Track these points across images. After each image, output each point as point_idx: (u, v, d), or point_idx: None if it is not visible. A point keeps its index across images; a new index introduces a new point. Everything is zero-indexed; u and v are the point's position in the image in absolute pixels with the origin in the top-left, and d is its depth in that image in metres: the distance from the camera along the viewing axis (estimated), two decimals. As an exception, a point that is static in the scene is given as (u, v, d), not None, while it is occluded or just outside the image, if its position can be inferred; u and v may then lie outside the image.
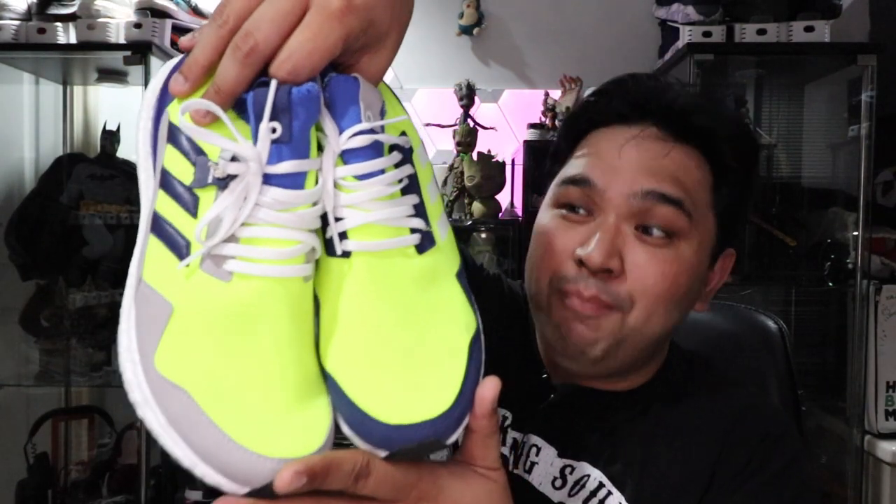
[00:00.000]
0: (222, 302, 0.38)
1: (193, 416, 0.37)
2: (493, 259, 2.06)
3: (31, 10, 1.95)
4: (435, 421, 0.39)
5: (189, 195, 0.39)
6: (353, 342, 0.41)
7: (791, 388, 0.88)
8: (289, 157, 0.38)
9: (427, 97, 2.35)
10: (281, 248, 0.39)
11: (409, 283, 0.42)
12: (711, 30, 1.93)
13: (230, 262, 0.38)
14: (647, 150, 0.64)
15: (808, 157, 2.23)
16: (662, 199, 0.62)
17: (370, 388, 0.39)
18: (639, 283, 0.62)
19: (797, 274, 2.01)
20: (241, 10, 0.39)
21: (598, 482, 0.65)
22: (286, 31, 0.39)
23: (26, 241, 1.95)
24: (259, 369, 0.39)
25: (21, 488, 2.00)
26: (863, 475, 1.91)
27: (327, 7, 0.39)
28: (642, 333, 0.64)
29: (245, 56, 0.38)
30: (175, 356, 0.38)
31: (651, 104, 0.66)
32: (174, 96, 0.41)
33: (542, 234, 0.67)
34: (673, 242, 0.63)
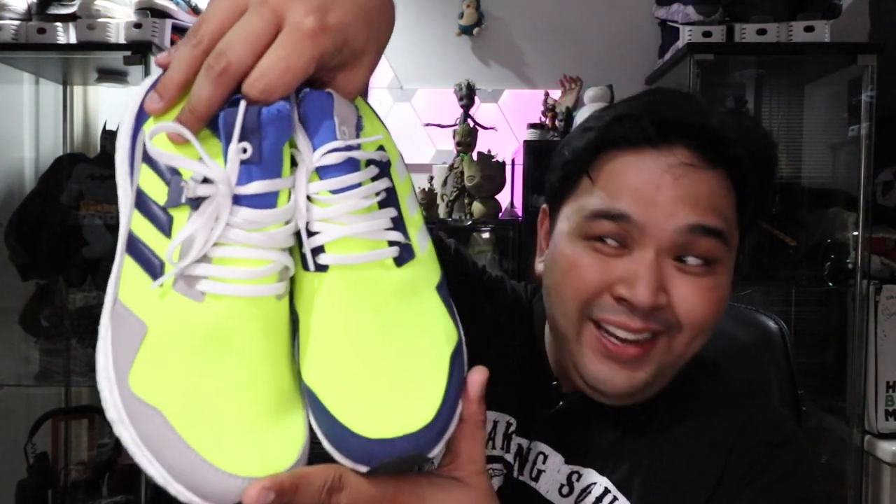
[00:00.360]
0: (195, 322, 0.38)
1: (166, 435, 0.37)
2: (493, 259, 2.06)
3: (31, 10, 1.95)
4: (416, 434, 0.38)
5: (163, 215, 0.39)
6: (333, 356, 0.40)
7: (791, 389, 0.88)
8: (259, 177, 0.39)
9: (427, 97, 2.35)
10: (252, 268, 0.39)
11: (388, 296, 0.42)
12: (711, 30, 1.93)
13: (202, 282, 0.38)
14: (683, 179, 0.61)
15: (808, 157, 2.23)
16: (706, 232, 0.61)
17: (350, 402, 0.39)
18: (687, 315, 0.61)
19: (797, 274, 2.01)
20: (214, 30, 0.39)
21: (604, 488, 0.65)
22: (259, 50, 0.39)
23: (26, 241, 1.95)
24: (232, 388, 0.39)
25: (21, 488, 2.00)
26: (863, 475, 1.91)
27: (300, 27, 0.39)
28: (683, 357, 0.63)
29: (218, 76, 0.38)
30: (148, 376, 0.38)
31: (682, 127, 0.62)
32: (152, 115, 0.41)
33: (571, 267, 0.64)
34: (712, 269, 0.62)
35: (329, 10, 0.40)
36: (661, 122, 0.62)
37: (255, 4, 0.39)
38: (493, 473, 0.69)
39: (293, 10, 0.39)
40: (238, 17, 0.39)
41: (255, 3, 0.39)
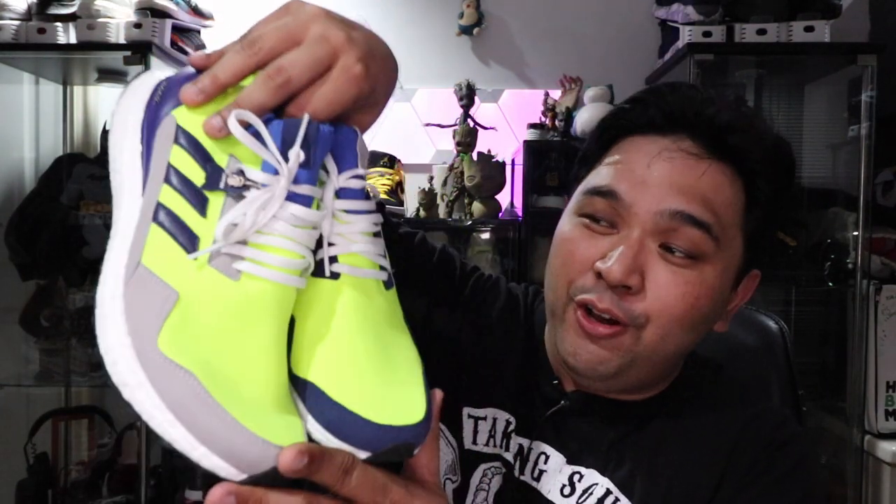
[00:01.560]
0: (230, 297, 0.41)
1: (200, 398, 0.38)
2: (493, 259, 2.06)
3: (31, 10, 1.95)
4: (416, 426, 0.43)
5: (199, 195, 0.43)
6: (339, 354, 0.44)
7: (792, 389, 0.88)
8: (307, 181, 0.43)
9: (427, 97, 2.35)
10: (289, 259, 0.43)
11: (381, 311, 0.48)
12: (711, 30, 1.93)
13: (241, 262, 0.42)
14: (678, 165, 0.62)
15: (808, 157, 2.23)
16: (690, 220, 0.60)
17: (357, 394, 0.43)
18: (658, 303, 0.61)
19: (797, 274, 2.01)
20: (275, 46, 0.45)
21: (605, 490, 0.65)
22: (315, 76, 0.45)
23: (26, 241, 1.95)
24: (257, 363, 0.42)
25: (21, 488, 2.00)
26: (863, 475, 1.91)
27: (351, 70, 0.45)
28: (656, 353, 0.63)
29: (278, 86, 0.44)
30: (181, 340, 0.39)
31: (687, 116, 0.63)
32: (186, 104, 0.45)
33: (563, 242, 0.66)
34: (697, 264, 0.61)
35: (371, 60, 0.47)
36: (667, 110, 0.64)
37: (316, 38, 0.45)
38: (493, 472, 0.69)
39: (347, 54, 0.45)
40: (294, 43, 0.45)
41: (315, 37, 0.45)
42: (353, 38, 0.46)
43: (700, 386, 0.70)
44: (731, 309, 0.68)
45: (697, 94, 0.66)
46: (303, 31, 0.45)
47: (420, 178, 2.20)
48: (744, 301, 0.69)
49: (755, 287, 0.69)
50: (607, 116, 0.69)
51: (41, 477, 2.02)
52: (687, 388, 0.70)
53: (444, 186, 2.13)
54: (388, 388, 0.44)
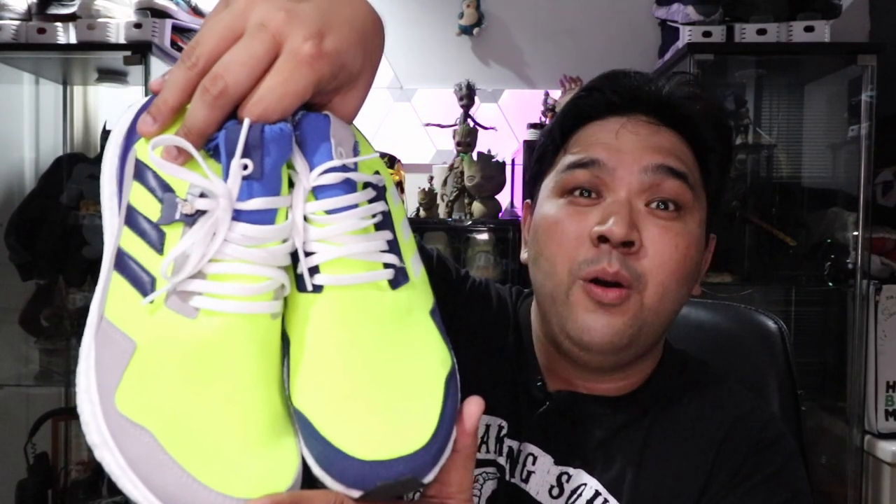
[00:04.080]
0: (188, 338, 0.38)
1: (156, 456, 0.36)
2: (493, 259, 2.06)
3: (31, 10, 1.95)
4: (412, 457, 0.37)
5: (155, 231, 0.39)
6: (325, 378, 0.40)
7: (791, 389, 0.87)
8: (259, 193, 0.39)
9: (427, 97, 2.35)
10: (249, 285, 0.38)
11: (382, 318, 0.41)
12: (711, 30, 1.93)
13: (196, 298, 0.38)
14: (643, 133, 0.67)
15: (808, 157, 2.23)
16: (671, 172, 0.64)
17: (343, 425, 0.38)
18: (656, 258, 0.63)
19: (797, 274, 2.01)
20: (210, 53, 0.39)
21: (594, 491, 0.65)
22: (257, 74, 0.39)
23: (26, 241, 1.95)
24: (225, 408, 0.38)
25: (21, 488, 2.00)
26: (863, 475, 1.91)
27: (298, 53, 0.39)
28: (658, 313, 0.64)
29: (214, 98, 0.39)
30: (137, 395, 0.37)
31: (643, 94, 0.68)
32: (142, 135, 0.41)
33: (553, 225, 0.66)
34: (681, 216, 0.65)
35: (326, 34, 0.40)
36: (622, 91, 0.69)
37: (253, 28, 0.39)
38: (486, 477, 0.69)
39: (292, 36, 0.39)
40: (234, 40, 0.39)
41: (252, 27, 0.39)
42: (299, 13, 0.40)
43: (684, 381, 0.71)
44: (701, 272, 0.71)
45: (644, 76, 0.71)
46: (241, 22, 0.40)
47: (420, 178, 2.20)
48: (708, 265, 0.73)
49: (713, 250, 0.74)
50: (565, 108, 0.73)
51: (41, 477, 2.01)
52: (671, 384, 0.70)
53: (444, 186, 2.13)
54: (383, 414, 0.39)
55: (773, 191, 2.12)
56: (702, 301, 0.98)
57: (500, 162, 2.09)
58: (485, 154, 2.08)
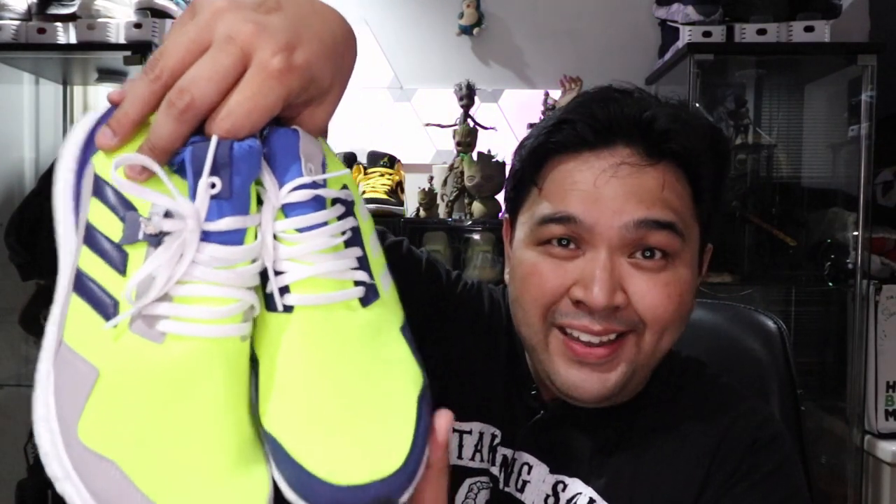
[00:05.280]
0: (154, 365, 0.36)
1: (122, 489, 0.34)
2: (493, 259, 2.06)
3: (31, 10, 1.95)
4: (388, 480, 0.37)
5: (117, 252, 0.37)
6: (297, 401, 0.39)
7: (791, 389, 0.88)
8: (229, 213, 0.37)
9: (427, 97, 2.35)
10: (218, 307, 0.37)
11: (353, 338, 0.40)
12: (711, 30, 1.93)
13: (163, 322, 0.36)
14: (626, 176, 0.61)
15: (808, 157, 2.23)
16: (656, 225, 0.60)
17: (317, 449, 0.37)
18: (648, 312, 0.61)
19: (797, 274, 2.01)
20: (175, 65, 0.38)
21: (589, 499, 0.64)
22: (224, 88, 0.37)
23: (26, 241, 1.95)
24: (194, 436, 0.36)
25: (21, 488, 1.99)
26: (863, 475, 1.91)
27: (267, 67, 0.37)
28: (653, 356, 0.63)
29: (181, 112, 0.37)
30: (101, 425, 0.35)
31: (622, 126, 0.62)
32: (102, 149, 0.39)
33: (529, 275, 0.64)
34: (669, 263, 0.62)
35: (296, 48, 0.39)
36: (595, 125, 0.62)
37: (221, 41, 0.38)
38: (480, 487, 0.69)
39: (261, 49, 0.38)
40: (200, 52, 0.38)
41: (220, 40, 0.38)
42: (268, 26, 0.38)
43: (681, 387, 0.70)
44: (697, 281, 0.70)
45: (627, 100, 0.64)
46: (207, 35, 0.38)
47: (420, 178, 2.20)
48: (702, 274, 0.70)
49: (710, 258, 0.71)
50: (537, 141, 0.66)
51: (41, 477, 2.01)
52: (666, 388, 0.69)
53: (444, 186, 2.13)
54: (355, 436, 0.38)
55: (773, 191, 2.12)
56: (702, 301, 0.98)
57: (500, 162, 2.09)
58: (485, 154, 2.07)
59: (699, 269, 0.69)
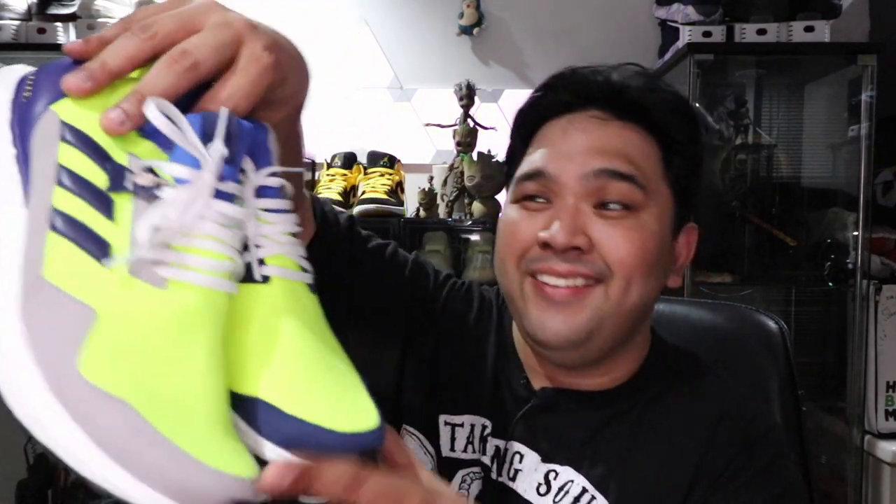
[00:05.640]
0: (158, 309, 0.36)
1: (139, 430, 0.33)
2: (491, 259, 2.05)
3: (31, 10, 1.95)
4: (376, 431, 0.40)
5: (102, 197, 0.37)
6: (286, 365, 0.40)
7: (792, 389, 0.88)
8: (231, 178, 0.39)
9: (427, 97, 2.35)
10: (219, 262, 0.38)
11: (317, 315, 0.44)
12: (711, 30, 1.93)
13: (166, 268, 0.37)
14: (591, 131, 0.66)
15: (808, 157, 2.23)
16: (615, 175, 0.64)
17: (312, 405, 0.39)
18: (611, 255, 0.63)
19: (797, 274, 2.01)
20: (172, 30, 0.40)
21: (581, 487, 0.65)
22: (222, 61, 0.40)
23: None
24: (201, 383, 0.36)
25: (21, 488, 2.00)
26: (863, 475, 1.91)
27: (260, 57, 0.41)
28: (622, 306, 0.64)
29: (185, 69, 0.39)
30: (108, 364, 0.34)
31: (591, 89, 0.69)
32: (70, 95, 0.39)
33: (504, 227, 0.68)
34: (633, 213, 0.64)
35: (279, 50, 0.42)
36: (574, 88, 0.70)
37: (217, 23, 0.40)
38: (473, 477, 0.70)
39: (253, 41, 0.41)
40: (193, 31, 0.40)
41: (216, 23, 0.41)
42: (256, 26, 0.42)
43: (673, 375, 0.70)
44: (679, 265, 0.71)
45: (597, 69, 0.72)
46: (202, 18, 0.41)
47: (420, 178, 2.20)
48: (689, 258, 0.72)
49: (696, 242, 0.73)
50: (522, 109, 0.73)
51: (41, 477, 2.02)
52: (657, 375, 0.70)
53: (444, 186, 2.13)
54: (340, 396, 0.41)
55: (773, 191, 2.12)
56: (702, 301, 0.98)
57: (500, 162, 2.08)
58: (485, 154, 2.07)
59: (686, 250, 0.72)
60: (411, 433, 0.74)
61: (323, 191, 2.08)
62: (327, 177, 2.14)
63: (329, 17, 2.36)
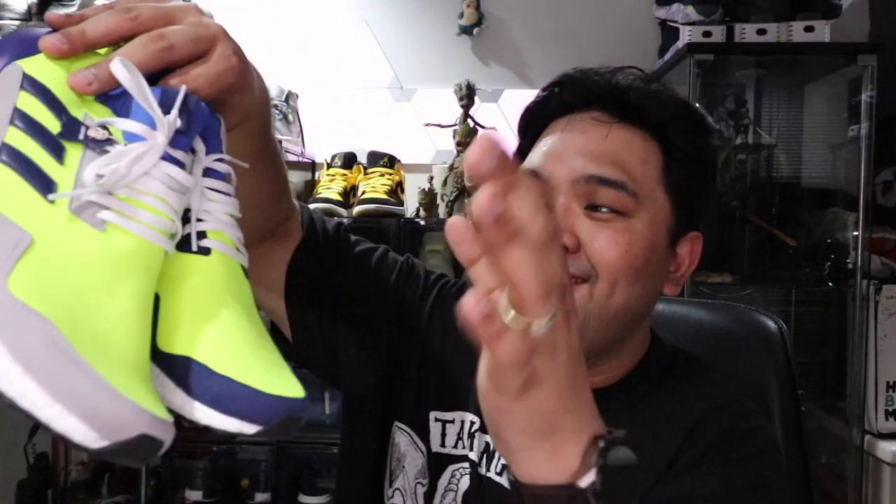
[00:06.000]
0: (94, 248, 0.38)
1: (59, 347, 0.32)
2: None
3: (31, 10, 1.95)
4: (304, 399, 0.41)
5: (54, 142, 0.39)
6: (221, 329, 0.42)
7: (792, 389, 0.88)
8: (182, 147, 0.41)
9: (427, 97, 2.35)
10: (159, 218, 0.40)
11: (248, 296, 0.46)
12: (711, 30, 1.93)
13: (106, 212, 0.38)
14: (588, 132, 0.67)
15: (808, 157, 2.23)
16: (603, 182, 0.64)
17: (244, 367, 0.40)
18: (596, 255, 0.64)
19: (797, 274, 2.01)
20: (155, 15, 0.43)
21: None
22: (196, 53, 0.44)
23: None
24: (125, 325, 0.37)
25: (21, 488, 2.00)
26: (863, 475, 1.91)
27: (230, 58, 0.45)
28: (606, 308, 0.64)
29: (160, 50, 0.42)
30: (37, 285, 0.34)
31: (593, 90, 0.70)
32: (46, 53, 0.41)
33: None
34: (622, 217, 0.65)
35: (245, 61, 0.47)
36: (575, 88, 0.71)
37: (195, 21, 0.44)
38: (462, 473, 0.71)
39: (224, 43, 0.45)
40: (172, 21, 0.44)
41: (194, 20, 0.44)
42: (227, 32, 0.46)
43: (667, 376, 0.70)
44: (680, 274, 0.71)
45: (603, 71, 0.72)
46: (180, 15, 0.44)
47: (420, 178, 2.20)
48: (692, 267, 0.71)
49: (700, 251, 0.72)
50: (528, 108, 0.75)
51: (41, 477, 2.02)
52: (650, 375, 0.70)
53: (444, 186, 2.13)
54: (268, 367, 0.42)
55: (773, 191, 2.12)
56: (702, 301, 0.98)
57: (500, 162, 2.08)
58: (485, 154, 2.07)
59: (689, 259, 0.71)
60: (403, 430, 0.75)
61: (323, 191, 2.08)
62: (327, 177, 2.14)
63: (329, 17, 2.36)
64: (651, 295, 0.68)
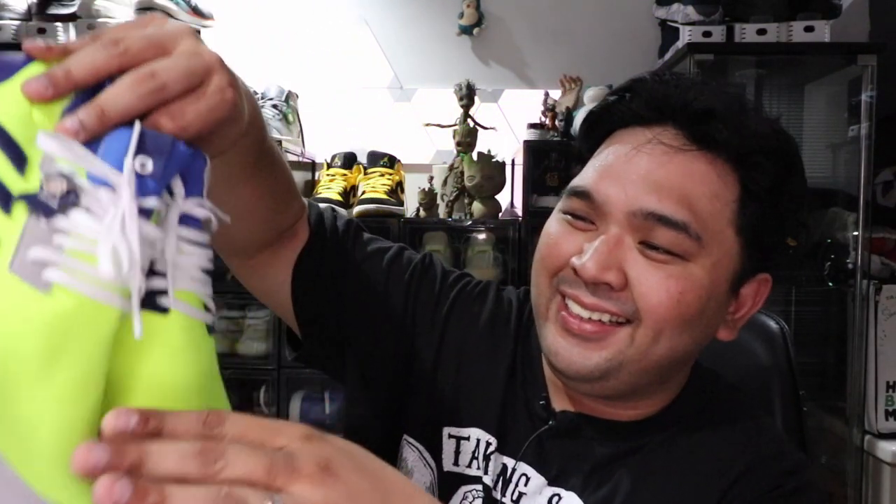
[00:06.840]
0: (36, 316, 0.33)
1: None
2: (493, 259, 2.06)
3: (31, 10, 1.95)
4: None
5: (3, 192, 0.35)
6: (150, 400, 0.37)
7: (793, 389, 0.87)
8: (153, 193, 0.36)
9: (427, 97, 2.35)
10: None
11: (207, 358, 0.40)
12: (711, 30, 1.93)
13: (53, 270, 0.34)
14: (656, 157, 0.59)
15: (808, 157, 2.22)
16: (663, 221, 0.57)
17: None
18: (643, 299, 0.57)
19: (797, 274, 2.00)
20: (143, 50, 0.39)
21: None
22: (189, 88, 0.40)
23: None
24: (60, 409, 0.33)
25: None
26: (863, 475, 1.91)
27: (225, 91, 0.41)
28: (646, 355, 0.59)
29: (151, 91, 0.38)
30: None
31: (670, 105, 0.60)
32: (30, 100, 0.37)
33: (545, 238, 0.64)
34: (680, 260, 0.58)
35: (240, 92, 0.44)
36: (650, 101, 0.61)
37: (189, 50, 0.40)
38: (475, 495, 0.67)
39: (219, 75, 0.41)
40: (163, 52, 0.40)
41: (188, 50, 0.40)
42: (225, 64, 0.42)
43: (709, 410, 0.66)
44: (739, 316, 0.64)
45: (683, 81, 0.62)
46: (172, 43, 0.40)
47: (420, 178, 2.20)
48: (754, 310, 0.65)
49: (767, 293, 0.65)
50: (594, 112, 0.67)
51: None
52: (690, 411, 0.66)
53: (444, 186, 2.13)
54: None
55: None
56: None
57: (500, 162, 2.09)
58: (485, 154, 2.08)
59: (752, 301, 0.64)
60: (412, 444, 0.70)
61: (323, 191, 2.08)
62: (327, 177, 2.14)
63: (329, 17, 2.36)
64: (701, 342, 0.63)
